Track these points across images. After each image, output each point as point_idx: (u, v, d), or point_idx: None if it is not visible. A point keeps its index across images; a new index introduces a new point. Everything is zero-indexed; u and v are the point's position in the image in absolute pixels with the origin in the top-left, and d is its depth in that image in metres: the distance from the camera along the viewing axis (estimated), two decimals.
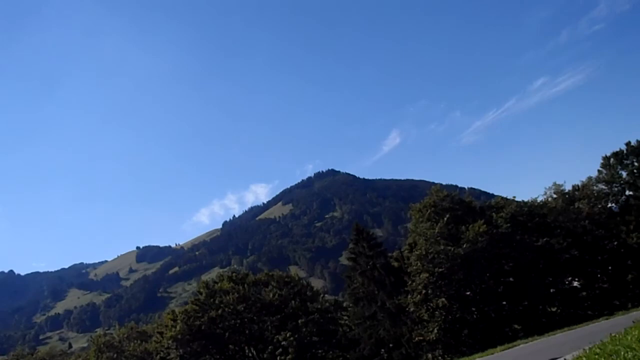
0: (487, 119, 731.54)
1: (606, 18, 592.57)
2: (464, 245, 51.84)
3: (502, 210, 57.74)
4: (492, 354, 31.16)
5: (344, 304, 65.77)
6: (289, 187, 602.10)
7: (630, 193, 62.37)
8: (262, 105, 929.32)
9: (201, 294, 62.74)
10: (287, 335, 55.95)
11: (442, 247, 52.13)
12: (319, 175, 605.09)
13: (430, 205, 57.31)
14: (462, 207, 58.05)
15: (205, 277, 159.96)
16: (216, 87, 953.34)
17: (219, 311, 59.44)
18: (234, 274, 66.19)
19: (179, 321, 59.45)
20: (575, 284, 58.34)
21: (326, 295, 75.92)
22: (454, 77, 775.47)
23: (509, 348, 31.30)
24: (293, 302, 61.29)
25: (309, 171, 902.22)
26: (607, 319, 37.60)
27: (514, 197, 59.07)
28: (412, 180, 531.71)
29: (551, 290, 55.19)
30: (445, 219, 54.96)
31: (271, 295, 61.75)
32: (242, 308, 60.51)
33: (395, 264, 59.04)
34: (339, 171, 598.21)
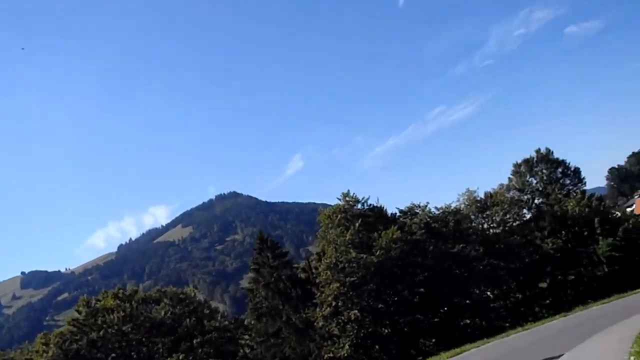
0: (387, 145, 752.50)
1: (495, 54, 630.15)
2: (377, 253, 47.85)
3: (416, 216, 54.53)
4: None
5: (246, 322, 59.85)
6: (189, 209, 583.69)
7: (541, 200, 61.82)
8: (163, 125, 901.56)
9: (80, 313, 54.58)
10: (180, 357, 49.52)
11: (353, 255, 47.84)
12: (220, 198, 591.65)
13: (340, 210, 52.98)
14: (374, 213, 54.29)
15: None
16: (115, 105, 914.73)
17: (101, 332, 51.68)
18: (120, 291, 58.44)
19: (52, 345, 51.20)
20: (489, 294, 56.09)
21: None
22: (356, 104, 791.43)
23: (457, 354, 27.19)
24: (188, 320, 54.66)
25: (210, 193, 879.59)
26: (527, 329, 34.29)
27: (427, 202, 56.00)
28: (314, 203, 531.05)
29: (467, 302, 52.22)
30: (357, 225, 50.90)
31: (163, 313, 54.81)
32: (129, 328, 53.16)
33: (303, 275, 54.29)
34: (241, 194, 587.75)
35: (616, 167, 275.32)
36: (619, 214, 66.45)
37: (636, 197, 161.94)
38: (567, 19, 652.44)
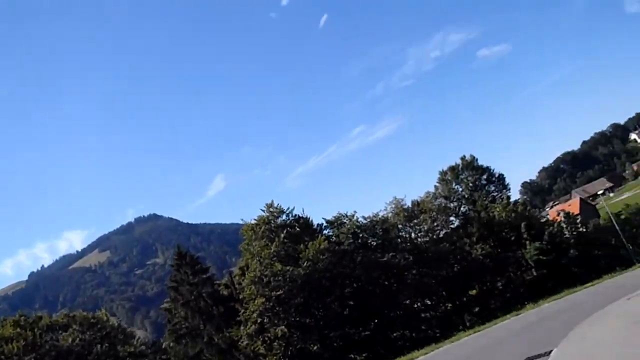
0: (309, 165, 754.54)
1: (414, 75, 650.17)
2: (304, 265, 45.39)
3: (343, 225, 52.61)
4: None
5: (164, 345, 55.63)
6: (106, 233, 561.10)
7: (468, 207, 61.70)
8: (77, 146, 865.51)
9: None
10: None
11: (279, 267, 45.15)
12: (140, 220, 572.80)
13: (264, 222, 50.22)
14: (300, 224, 51.92)
15: None
16: (24, 125, 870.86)
17: None
18: (21, 317, 52.97)
19: None
20: (419, 304, 54.78)
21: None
22: (276, 125, 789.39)
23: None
24: (99, 347, 49.95)
25: (129, 216, 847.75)
26: (478, 331, 32.60)
27: (355, 212, 54.18)
28: (237, 224, 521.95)
29: (398, 312, 50.52)
30: (282, 236, 48.34)
31: (70, 340, 49.91)
32: (32, 359, 47.96)
33: (225, 291, 51.08)
34: (161, 216, 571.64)
35: (528, 181, 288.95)
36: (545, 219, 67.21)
37: (547, 209, 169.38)
38: (479, 42, 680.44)
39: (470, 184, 63.19)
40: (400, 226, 57.68)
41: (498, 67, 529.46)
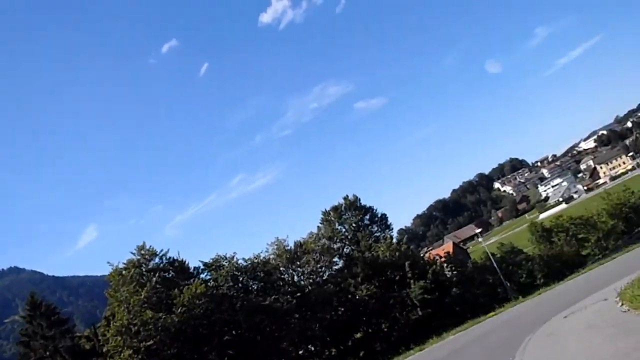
0: (188, 213, 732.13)
1: (293, 125, 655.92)
2: (178, 311, 41.43)
3: (222, 268, 49.15)
4: None
5: None
6: None
7: (352, 247, 60.53)
8: None
9: None
10: None
11: (149, 315, 40.80)
12: None
13: (134, 265, 45.58)
14: (174, 267, 47.86)
15: None
16: None
17: None
18: None
19: None
20: (302, 350, 52.00)
21: None
22: (154, 173, 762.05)
23: None
24: None
25: None
26: None
27: (234, 253, 51.00)
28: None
29: None
30: (154, 281, 44.03)
31: None
32: None
33: (87, 345, 45.35)
34: (23, 268, 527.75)
35: (404, 228, 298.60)
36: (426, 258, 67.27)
37: (423, 254, 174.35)
38: (356, 95, 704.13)
39: (354, 224, 62.40)
40: (282, 268, 55.11)
41: (375, 119, 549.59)
